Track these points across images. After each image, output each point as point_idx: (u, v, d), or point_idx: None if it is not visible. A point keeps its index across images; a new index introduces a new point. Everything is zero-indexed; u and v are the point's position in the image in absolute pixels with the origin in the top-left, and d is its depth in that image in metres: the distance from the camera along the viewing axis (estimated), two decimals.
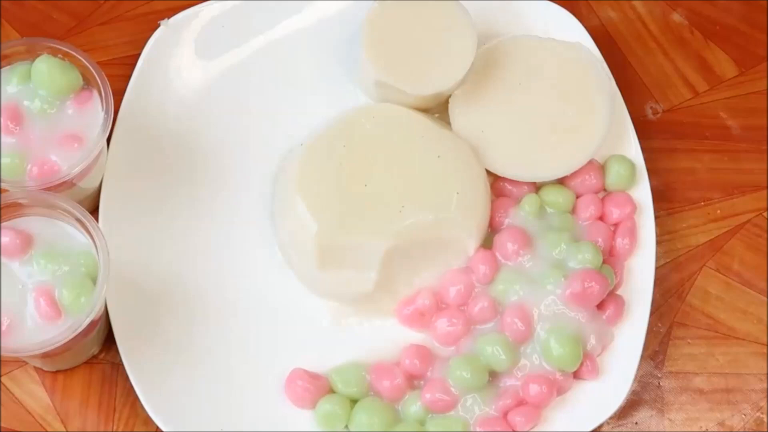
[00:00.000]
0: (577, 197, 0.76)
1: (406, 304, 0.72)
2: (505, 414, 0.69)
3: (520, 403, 0.70)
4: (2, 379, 0.72)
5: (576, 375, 0.71)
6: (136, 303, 0.71)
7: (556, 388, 0.70)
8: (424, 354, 0.71)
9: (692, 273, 0.78)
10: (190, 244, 0.73)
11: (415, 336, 0.73)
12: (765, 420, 0.74)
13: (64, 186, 0.68)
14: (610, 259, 0.74)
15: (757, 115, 0.83)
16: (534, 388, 0.69)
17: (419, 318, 0.72)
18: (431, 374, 0.71)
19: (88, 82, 0.70)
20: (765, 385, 0.75)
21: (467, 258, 0.73)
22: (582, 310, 0.70)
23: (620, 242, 0.74)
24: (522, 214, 0.74)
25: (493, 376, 0.70)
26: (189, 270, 0.73)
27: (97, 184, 0.73)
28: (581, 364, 0.70)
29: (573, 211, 0.75)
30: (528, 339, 0.70)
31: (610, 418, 0.72)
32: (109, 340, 0.72)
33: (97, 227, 0.66)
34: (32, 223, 0.67)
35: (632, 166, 0.76)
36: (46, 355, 0.66)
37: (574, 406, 0.71)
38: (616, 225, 0.75)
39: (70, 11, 0.81)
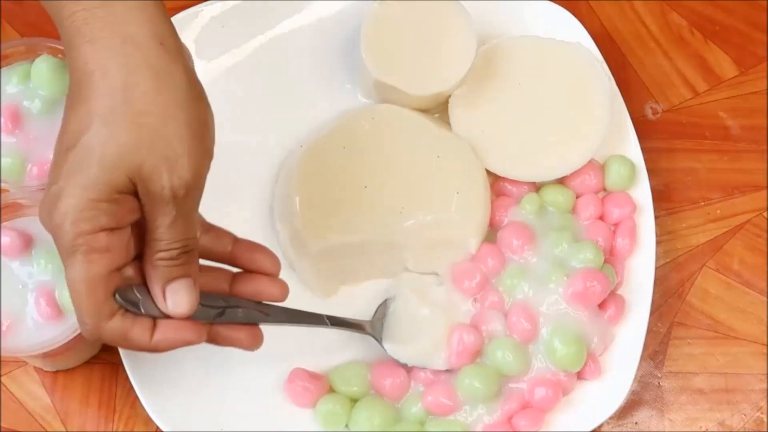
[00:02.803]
0: (577, 197, 0.76)
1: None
2: (509, 417, 0.69)
3: (525, 406, 0.69)
4: (2, 379, 0.72)
5: (579, 375, 0.71)
6: None
7: (562, 390, 0.70)
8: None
9: (692, 273, 0.78)
10: None
11: None
12: (765, 420, 0.74)
13: None
14: (610, 259, 0.74)
15: (757, 115, 0.83)
16: (540, 392, 0.69)
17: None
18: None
19: None
20: (765, 385, 0.75)
21: (469, 258, 0.73)
22: (584, 309, 0.70)
23: (620, 242, 0.74)
24: (522, 213, 0.74)
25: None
26: None
27: None
28: (585, 364, 0.70)
29: (573, 210, 0.75)
30: (534, 338, 0.70)
31: (610, 418, 0.72)
32: None
33: None
34: (32, 223, 0.66)
35: (632, 166, 0.76)
36: (46, 355, 0.66)
37: (575, 406, 0.71)
38: (616, 225, 0.75)
39: None
